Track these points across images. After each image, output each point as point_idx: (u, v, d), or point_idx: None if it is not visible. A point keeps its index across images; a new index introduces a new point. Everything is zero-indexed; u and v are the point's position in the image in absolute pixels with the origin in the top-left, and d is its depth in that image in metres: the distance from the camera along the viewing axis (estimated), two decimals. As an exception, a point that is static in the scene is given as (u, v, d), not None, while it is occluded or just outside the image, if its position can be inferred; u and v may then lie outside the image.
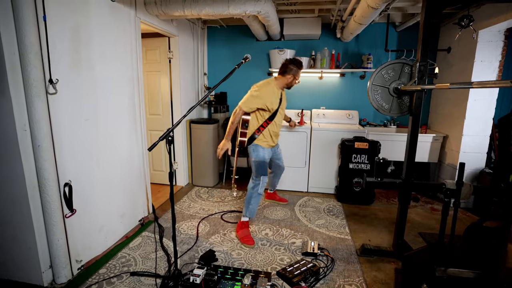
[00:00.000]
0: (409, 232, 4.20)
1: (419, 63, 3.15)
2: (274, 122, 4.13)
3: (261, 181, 4.06)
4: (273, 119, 4.10)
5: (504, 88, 5.32)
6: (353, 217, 4.81)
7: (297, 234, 4.23)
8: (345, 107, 6.52)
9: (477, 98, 4.89)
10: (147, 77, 5.75)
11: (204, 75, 6.86)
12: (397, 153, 5.56)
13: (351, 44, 6.32)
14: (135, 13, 4.16)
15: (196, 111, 6.57)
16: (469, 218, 4.77)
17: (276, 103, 4.07)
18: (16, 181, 2.85)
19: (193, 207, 5.10)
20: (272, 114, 4.07)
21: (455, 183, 2.86)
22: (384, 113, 3.50)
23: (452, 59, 5.47)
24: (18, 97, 2.71)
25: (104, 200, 3.75)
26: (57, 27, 2.95)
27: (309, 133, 5.63)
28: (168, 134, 2.67)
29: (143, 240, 4.03)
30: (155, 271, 3.35)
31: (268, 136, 4.15)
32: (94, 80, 3.49)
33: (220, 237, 4.11)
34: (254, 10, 4.17)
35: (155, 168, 6.17)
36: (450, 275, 2.43)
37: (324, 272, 3.35)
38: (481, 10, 4.58)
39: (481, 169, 5.10)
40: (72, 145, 3.22)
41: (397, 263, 3.55)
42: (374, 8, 3.81)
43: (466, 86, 2.26)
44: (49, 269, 3.12)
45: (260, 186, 4.07)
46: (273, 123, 4.13)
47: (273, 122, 4.12)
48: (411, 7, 4.88)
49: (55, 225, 3.00)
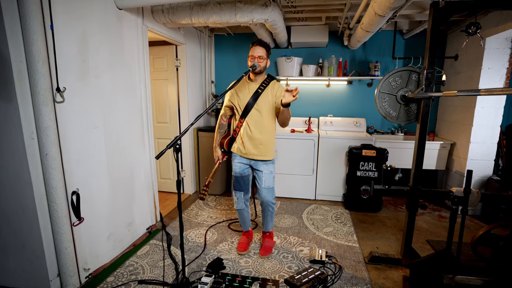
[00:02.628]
0: (417, 239, 4.19)
1: (426, 71, 3.15)
2: (245, 122, 3.63)
3: (234, 196, 3.89)
4: (244, 118, 3.63)
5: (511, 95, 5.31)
6: (360, 224, 4.79)
7: (304, 241, 4.21)
8: (352, 114, 6.51)
9: (484, 105, 4.87)
10: (154, 85, 5.79)
11: (212, 83, 6.89)
12: (405, 160, 5.54)
13: (358, 51, 6.33)
14: (142, 21, 4.19)
15: (204, 119, 6.58)
16: (476, 226, 4.73)
17: (244, 98, 3.61)
18: (24, 190, 2.87)
19: (201, 215, 5.10)
20: (243, 112, 3.62)
21: (462, 190, 2.86)
22: (391, 120, 3.49)
23: (459, 66, 5.46)
24: (25, 106, 2.72)
25: (111, 208, 3.75)
26: (65, 36, 2.97)
27: (317, 140, 5.62)
28: (175, 142, 2.68)
29: (150, 248, 4.03)
30: (163, 279, 3.35)
31: (239, 138, 3.70)
32: (102, 88, 3.50)
33: (228, 245, 4.10)
34: (261, 18, 4.18)
35: (162, 176, 6.19)
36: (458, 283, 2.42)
37: (332, 280, 3.33)
38: (488, 17, 4.58)
39: (488, 176, 5.06)
40: (80, 153, 3.23)
41: (405, 270, 3.52)
42: (381, 16, 3.81)
43: (473, 93, 2.25)
44: (57, 277, 3.12)
45: (235, 202, 3.88)
46: (244, 123, 3.64)
47: (244, 122, 3.64)
48: (418, 15, 4.88)
49: (63, 234, 3.00)
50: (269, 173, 3.72)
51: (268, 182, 3.72)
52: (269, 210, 3.85)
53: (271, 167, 3.74)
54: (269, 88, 3.60)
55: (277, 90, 3.58)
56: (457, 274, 2.45)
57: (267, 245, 3.97)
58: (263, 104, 3.56)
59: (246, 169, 3.78)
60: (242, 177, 3.78)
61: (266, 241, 4.02)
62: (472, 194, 2.85)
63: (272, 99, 3.57)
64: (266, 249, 3.92)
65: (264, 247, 3.94)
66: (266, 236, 4.07)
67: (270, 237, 4.10)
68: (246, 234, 4.12)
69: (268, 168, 3.71)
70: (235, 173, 3.80)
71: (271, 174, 3.73)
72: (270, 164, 3.73)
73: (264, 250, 3.91)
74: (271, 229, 4.07)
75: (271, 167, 3.74)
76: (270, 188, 3.74)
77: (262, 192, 3.74)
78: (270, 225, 3.99)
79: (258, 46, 3.50)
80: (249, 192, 3.90)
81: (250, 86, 3.63)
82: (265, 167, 3.70)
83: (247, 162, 3.75)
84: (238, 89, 3.68)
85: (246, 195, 3.86)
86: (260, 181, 3.73)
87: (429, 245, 4.11)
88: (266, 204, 3.78)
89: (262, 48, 3.50)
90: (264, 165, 3.70)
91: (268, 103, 3.56)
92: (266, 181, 3.71)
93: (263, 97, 3.56)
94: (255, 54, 3.48)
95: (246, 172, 3.79)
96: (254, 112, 3.57)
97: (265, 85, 3.59)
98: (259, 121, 3.59)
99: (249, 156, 3.68)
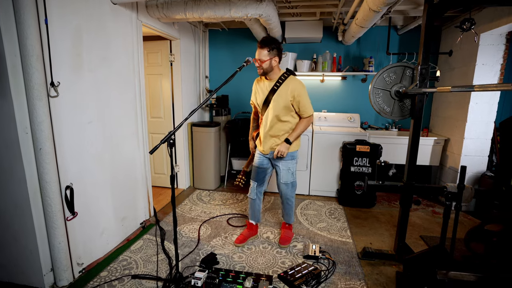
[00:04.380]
0: (410, 235, 4.21)
1: (420, 66, 3.15)
2: (264, 119, 3.72)
3: (251, 185, 4.01)
4: (262, 115, 3.74)
5: (506, 91, 5.32)
6: (354, 220, 4.81)
7: (298, 237, 4.22)
8: (346, 110, 6.53)
9: (478, 101, 4.89)
10: (148, 80, 5.77)
11: (206, 78, 6.87)
12: (399, 156, 5.56)
13: (352, 47, 6.33)
14: (136, 16, 4.17)
15: (198, 114, 6.57)
16: (470, 221, 4.76)
17: (261, 97, 3.70)
18: (17, 184, 2.85)
19: (195, 210, 5.10)
20: (261, 109, 3.73)
21: (456, 186, 2.87)
22: (385, 116, 3.49)
23: (453, 62, 5.47)
24: (19, 100, 2.70)
25: (105, 203, 3.75)
26: (59, 30, 2.95)
27: (311, 136, 5.63)
28: (169, 137, 2.67)
29: (144, 243, 4.02)
30: (157, 274, 3.35)
31: (259, 137, 3.89)
32: (96, 83, 3.49)
33: (222, 240, 4.10)
34: (256, 13, 4.17)
35: (156, 171, 6.18)
36: (452, 278, 2.43)
37: (325, 275, 3.34)
38: (482, 13, 4.59)
39: (482, 172, 5.09)
40: (74, 148, 3.22)
41: (398, 266, 3.54)
42: (375, 11, 3.81)
43: (467, 89, 2.26)
44: (51, 272, 3.11)
45: (249, 191, 4.02)
46: (263, 121, 3.73)
47: (263, 119, 3.74)
48: (413, 10, 4.88)
49: (57, 228, 2.99)
50: (287, 169, 3.80)
51: (285, 178, 3.84)
52: (288, 204, 4.01)
53: (290, 163, 3.80)
54: (285, 85, 3.57)
55: (294, 90, 3.52)
56: (451, 270, 2.46)
57: (286, 236, 4.10)
58: (278, 102, 3.56)
59: (265, 162, 3.88)
60: (259, 168, 3.90)
61: (285, 232, 4.16)
62: (466, 190, 2.86)
63: (287, 98, 3.52)
64: (284, 239, 4.05)
65: (282, 237, 4.09)
66: (286, 228, 4.20)
67: (289, 228, 4.21)
68: (250, 227, 4.14)
69: (286, 164, 3.79)
70: (254, 163, 3.95)
71: (288, 171, 3.81)
72: (289, 160, 3.79)
73: (282, 239, 4.05)
74: (291, 222, 4.18)
75: (289, 164, 3.80)
76: (287, 183, 3.87)
77: (280, 186, 3.93)
78: (289, 217, 4.12)
79: (258, 49, 3.54)
80: (264, 185, 4.03)
81: (267, 84, 3.66)
82: (283, 163, 3.79)
83: (268, 156, 3.86)
84: (259, 87, 3.77)
85: (259, 187, 3.98)
86: (278, 176, 3.88)
87: (423, 241, 4.12)
88: (283, 198, 3.98)
89: (263, 50, 3.50)
90: (282, 161, 3.79)
91: (283, 101, 3.54)
92: (283, 176, 3.84)
93: (278, 94, 3.56)
94: (256, 58, 3.55)
95: (264, 165, 3.89)
96: (270, 110, 3.61)
97: (281, 82, 3.58)
98: (274, 118, 3.62)
99: (266, 153, 3.81)
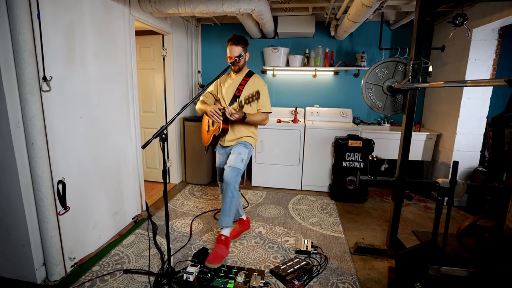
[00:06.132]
0: (402, 230, 4.23)
1: (413, 62, 3.16)
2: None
3: (219, 186, 4.05)
4: None
5: (498, 87, 5.35)
6: (346, 215, 4.82)
7: (290, 232, 4.23)
8: (339, 105, 6.52)
9: (470, 96, 4.91)
10: (141, 74, 5.74)
11: (198, 72, 6.84)
12: (391, 151, 5.58)
13: (345, 42, 6.33)
14: (129, 10, 4.14)
15: (190, 108, 6.57)
16: (462, 217, 4.79)
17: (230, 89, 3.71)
18: (9, 178, 2.84)
19: (187, 204, 5.09)
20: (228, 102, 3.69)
21: (448, 181, 2.88)
22: (378, 111, 3.50)
23: (446, 57, 5.49)
24: (12, 94, 2.69)
25: (97, 198, 3.73)
26: (51, 25, 2.93)
27: (303, 131, 5.63)
28: (161, 131, 2.66)
29: (136, 237, 4.01)
30: (149, 268, 3.34)
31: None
32: (88, 78, 3.47)
33: (214, 235, 4.10)
34: (248, 8, 4.16)
35: (148, 165, 6.16)
36: (444, 274, 2.44)
37: (317, 270, 3.35)
38: (475, 8, 4.60)
39: (474, 167, 5.12)
40: (66, 142, 3.20)
41: (390, 261, 3.56)
42: (368, 6, 3.81)
43: (460, 84, 2.27)
44: (43, 266, 3.10)
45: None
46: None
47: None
48: (405, 6, 4.88)
49: (49, 222, 2.98)
50: (237, 153, 3.57)
51: (233, 162, 3.51)
52: (228, 195, 3.48)
53: (242, 149, 3.61)
54: (252, 79, 3.68)
55: (258, 85, 3.61)
56: (443, 265, 2.47)
57: (216, 252, 3.46)
58: (246, 94, 3.45)
59: (226, 159, 3.79)
60: (221, 168, 3.86)
61: (217, 247, 3.53)
62: (458, 185, 2.88)
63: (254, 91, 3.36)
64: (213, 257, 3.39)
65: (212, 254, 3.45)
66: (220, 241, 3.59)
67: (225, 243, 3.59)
68: (241, 222, 4.11)
69: (238, 148, 3.62)
70: (216, 165, 3.95)
71: (239, 155, 3.56)
72: (242, 146, 3.64)
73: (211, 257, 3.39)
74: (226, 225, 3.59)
75: (241, 149, 3.61)
76: (233, 167, 3.48)
77: (225, 170, 3.52)
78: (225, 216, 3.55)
79: (234, 46, 3.49)
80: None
81: (234, 79, 3.71)
82: (235, 148, 3.65)
83: (227, 151, 3.80)
84: (222, 82, 3.79)
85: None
86: (228, 162, 3.58)
87: (415, 236, 4.15)
88: (225, 184, 3.48)
89: (239, 47, 3.50)
90: (235, 147, 3.67)
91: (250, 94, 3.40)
92: (231, 160, 3.55)
93: (247, 87, 3.63)
94: (233, 55, 3.51)
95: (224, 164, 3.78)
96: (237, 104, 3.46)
97: (249, 76, 3.69)
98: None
99: (226, 144, 3.74)
